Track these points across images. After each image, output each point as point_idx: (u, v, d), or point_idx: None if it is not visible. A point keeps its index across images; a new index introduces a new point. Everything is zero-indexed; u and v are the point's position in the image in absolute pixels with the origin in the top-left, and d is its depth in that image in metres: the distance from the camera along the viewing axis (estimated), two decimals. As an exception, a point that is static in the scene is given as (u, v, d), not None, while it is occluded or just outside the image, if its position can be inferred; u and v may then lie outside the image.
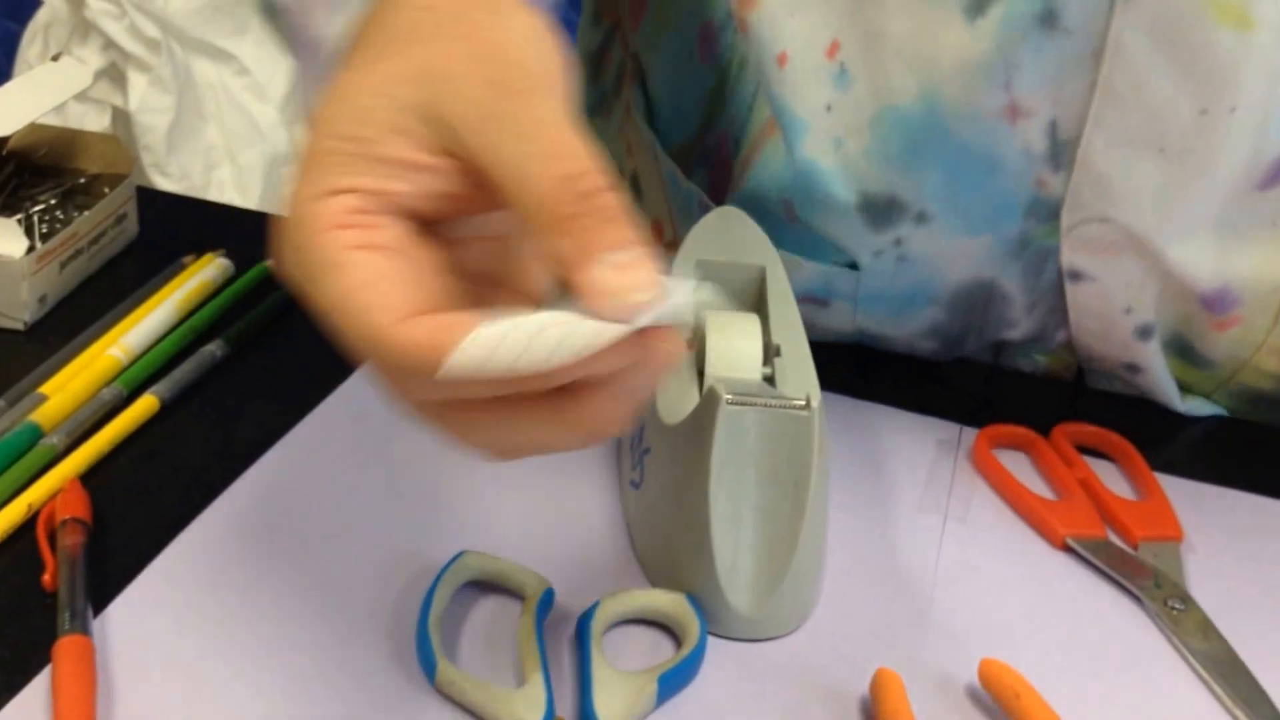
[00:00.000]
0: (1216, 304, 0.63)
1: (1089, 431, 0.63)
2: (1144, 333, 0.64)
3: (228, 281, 0.69)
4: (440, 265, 0.39)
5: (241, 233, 0.74)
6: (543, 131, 0.37)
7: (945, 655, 0.51)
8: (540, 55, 0.40)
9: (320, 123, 0.39)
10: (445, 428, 0.39)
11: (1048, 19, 0.55)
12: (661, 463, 0.53)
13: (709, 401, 0.50)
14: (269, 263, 0.70)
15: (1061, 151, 0.59)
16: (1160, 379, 0.66)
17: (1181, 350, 0.66)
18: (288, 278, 0.38)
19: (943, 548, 0.57)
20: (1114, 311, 0.64)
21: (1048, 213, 0.61)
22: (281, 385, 0.63)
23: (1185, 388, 0.68)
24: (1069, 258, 0.62)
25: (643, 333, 0.36)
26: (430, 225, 0.39)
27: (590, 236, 0.36)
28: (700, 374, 0.54)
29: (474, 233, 0.41)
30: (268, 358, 0.65)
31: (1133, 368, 0.66)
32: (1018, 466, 0.62)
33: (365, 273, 0.37)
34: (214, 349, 0.63)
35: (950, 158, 0.59)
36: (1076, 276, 0.63)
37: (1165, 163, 0.57)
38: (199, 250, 0.71)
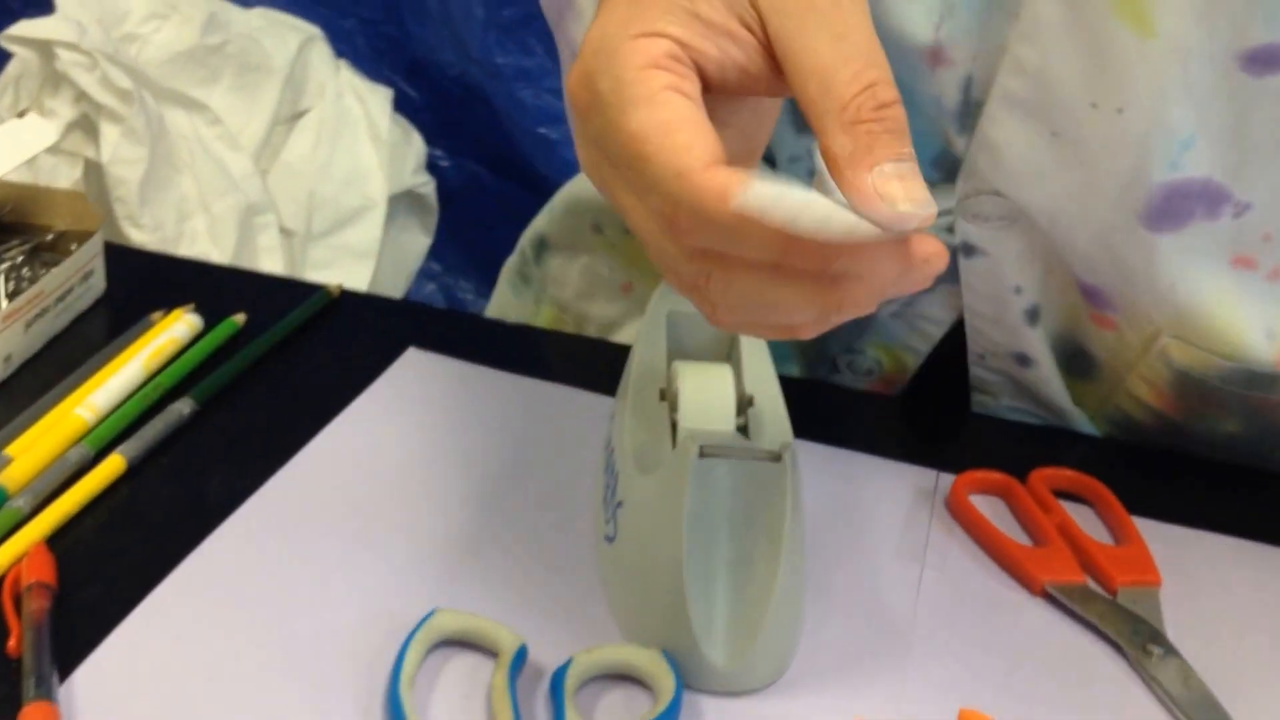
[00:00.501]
0: (1095, 297, 0.63)
1: (1066, 476, 0.63)
2: (1032, 316, 0.65)
3: (197, 337, 0.68)
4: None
5: (211, 287, 0.74)
6: (856, 34, 0.39)
7: (924, 706, 0.50)
8: None
9: None
10: (704, 281, 0.40)
11: None
12: (635, 516, 0.53)
13: (680, 454, 0.50)
14: (238, 318, 0.70)
15: (969, 113, 0.59)
16: (1049, 375, 0.67)
17: (1069, 356, 0.67)
18: (586, 100, 0.41)
19: (921, 596, 0.56)
20: (1005, 290, 0.64)
21: (949, 173, 0.61)
22: (250, 442, 0.62)
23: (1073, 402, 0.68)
24: (963, 228, 0.62)
25: (909, 240, 0.38)
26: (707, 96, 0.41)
27: (877, 143, 0.38)
28: (674, 426, 0.54)
29: (727, 116, 0.43)
30: (236, 414, 0.64)
31: (1023, 359, 0.66)
32: (995, 513, 0.62)
33: (681, 112, 0.39)
34: (181, 407, 0.62)
35: None
36: (970, 250, 0.63)
37: (1057, 147, 0.57)
38: (168, 305, 0.70)
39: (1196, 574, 0.58)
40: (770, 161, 0.65)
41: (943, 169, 0.61)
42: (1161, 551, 0.59)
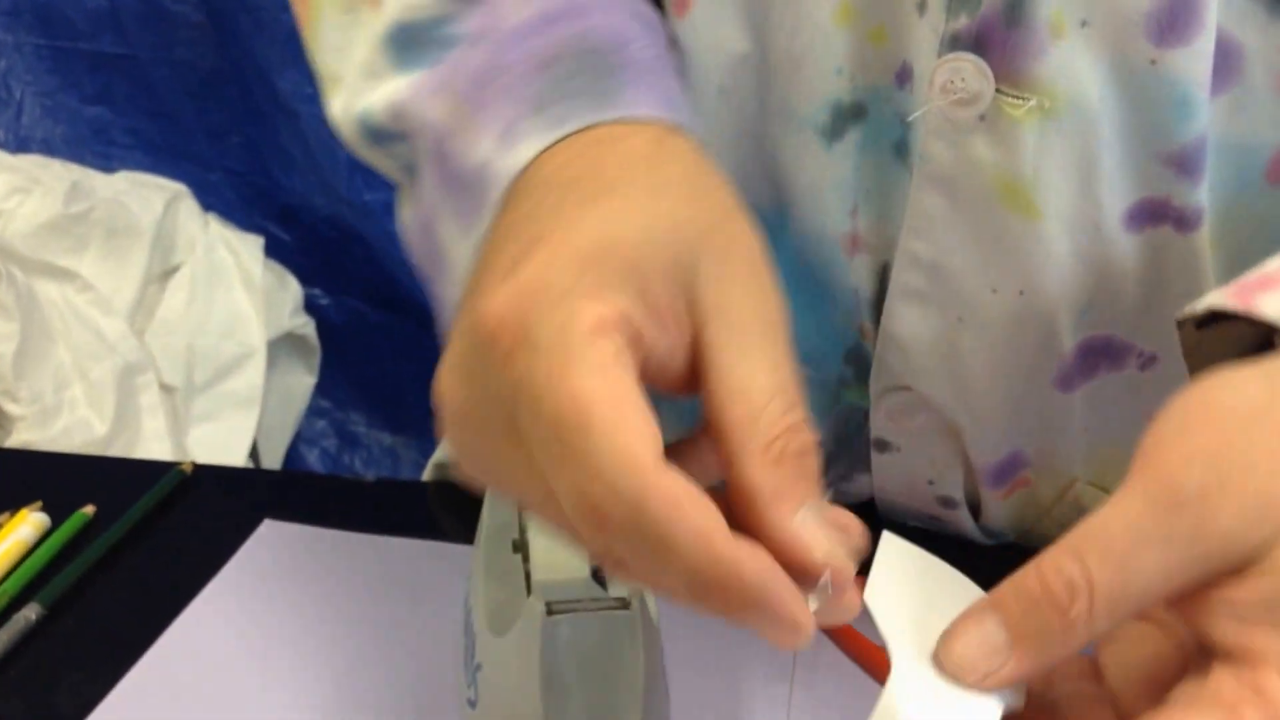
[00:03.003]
0: (1008, 469, 0.62)
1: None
2: (947, 503, 0.64)
3: (44, 535, 0.67)
4: None
5: (62, 479, 0.72)
6: (787, 370, 0.37)
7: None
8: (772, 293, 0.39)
9: (605, 225, 0.38)
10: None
11: (900, 149, 0.54)
12: (493, 679, 0.52)
13: (528, 614, 0.49)
14: (87, 510, 0.68)
15: (882, 304, 0.57)
16: (962, 522, 0.66)
17: (979, 514, 0.66)
18: (512, 339, 0.36)
19: (792, 716, 0.56)
20: (918, 481, 0.63)
21: (861, 370, 0.60)
22: (102, 641, 0.60)
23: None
24: (878, 425, 0.61)
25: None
26: None
27: (798, 487, 0.36)
28: (528, 577, 0.53)
29: None
30: (87, 613, 0.62)
31: (935, 519, 0.66)
32: (862, 618, 0.61)
33: (634, 395, 0.35)
34: (28, 613, 0.61)
35: (795, 274, 0.58)
36: (883, 446, 0.62)
37: (963, 333, 0.56)
38: (16, 504, 0.69)
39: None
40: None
41: (855, 364, 0.60)
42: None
